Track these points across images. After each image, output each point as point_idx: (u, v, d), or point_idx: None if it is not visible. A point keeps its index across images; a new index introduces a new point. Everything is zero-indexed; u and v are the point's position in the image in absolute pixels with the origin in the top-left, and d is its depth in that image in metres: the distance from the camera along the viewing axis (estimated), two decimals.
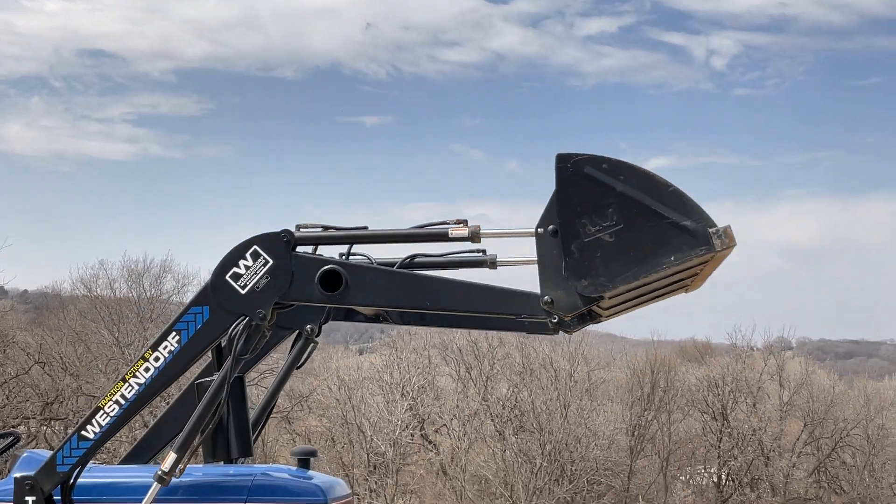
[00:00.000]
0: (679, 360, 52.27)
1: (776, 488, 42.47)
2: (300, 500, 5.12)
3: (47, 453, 5.53)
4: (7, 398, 29.89)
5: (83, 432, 4.96)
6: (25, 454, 5.40)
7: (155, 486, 4.83)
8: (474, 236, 4.81)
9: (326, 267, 4.83)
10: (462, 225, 4.82)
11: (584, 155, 4.51)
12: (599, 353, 46.87)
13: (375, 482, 34.89)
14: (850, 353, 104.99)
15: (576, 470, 33.08)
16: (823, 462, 46.01)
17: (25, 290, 49.56)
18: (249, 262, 4.86)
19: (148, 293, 41.98)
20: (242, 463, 5.59)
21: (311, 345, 5.58)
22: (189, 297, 37.83)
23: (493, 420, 34.46)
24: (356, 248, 5.11)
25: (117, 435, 5.27)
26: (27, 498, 4.91)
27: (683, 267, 4.51)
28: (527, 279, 4.73)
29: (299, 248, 4.94)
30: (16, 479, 4.97)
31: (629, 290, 4.58)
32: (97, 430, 4.94)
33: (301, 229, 4.98)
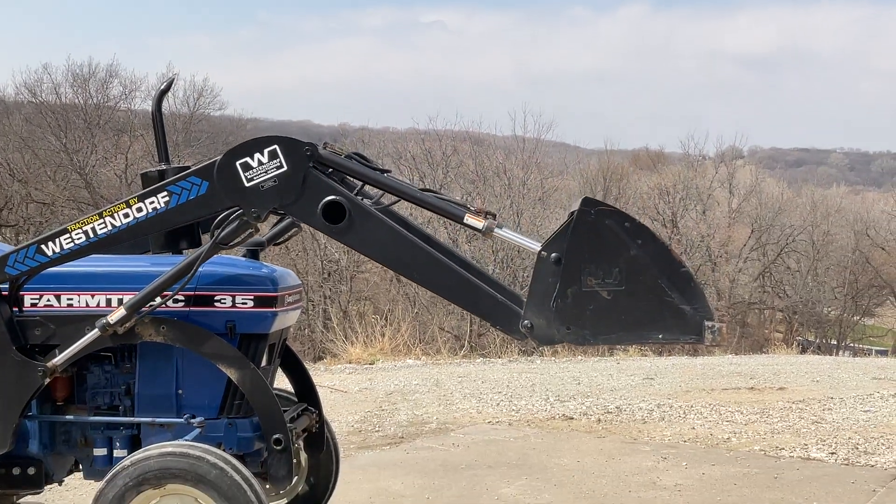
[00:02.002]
0: (632, 168, 52.83)
1: (721, 293, 43.61)
2: (250, 289, 5.11)
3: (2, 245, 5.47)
4: None
5: (42, 246, 4.87)
6: None
7: (93, 333, 4.82)
8: (487, 232, 4.62)
9: (335, 197, 4.65)
10: (480, 216, 4.64)
11: (610, 207, 4.47)
12: (553, 162, 47.09)
13: (330, 289, 35.41)
14: (800, 161, 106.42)
15: (526, 276, 33.60)
16: (769, 267, 47.22)
17: None
18: (264, 160, 4.68)
19: (94, 99, 41.40)
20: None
21: (295, 228, 5.49)
22: (137, 103, 37.50)
23: (446, 227, 34.72)
24: None
25: None
26: None
27: (667, 344, 4.45)
28: None
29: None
30: None
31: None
32: (57, 250, 4.86)
33: (327, 147, 4.82)
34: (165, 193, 4.80)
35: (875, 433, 8.93)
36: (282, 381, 5.88)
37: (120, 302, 4.95)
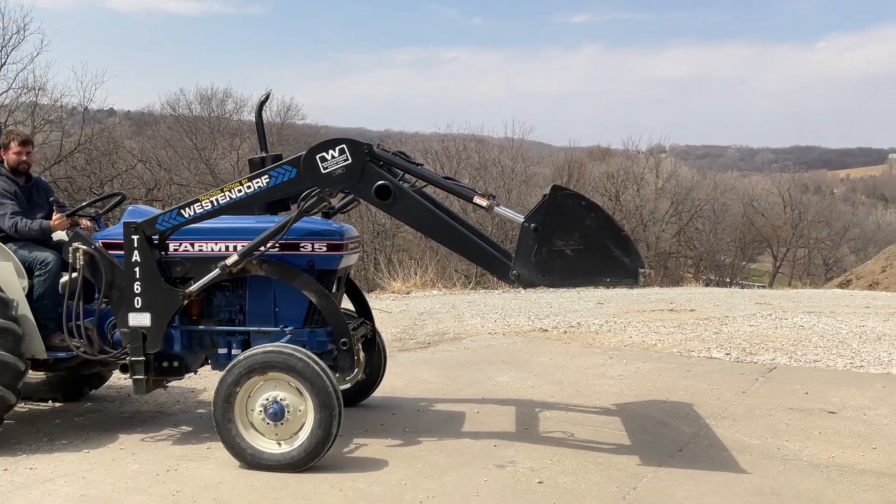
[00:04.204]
0: (588, 159, 52.36)
1: (650, 246, 43.32)
2: (324, 239, 5.10)
3: (149, 208, 5.45)
4: (121, 186, 29.67)
5: (182, 211, 4.89)
6: (131, 207, 5.30)
7: (216, 272, 4.84)
8: (489, 209, 4.64)
9: (384, 182, 4.67)
10: (485, 198, 4.66)
11: (571, 191, 4.50)
12: (532, 154, 46.74)
13: (378, 244, 35.36)
14: (706, 154, 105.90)
15: (514, 236, 33.43)
16: (683, 228, 46.90)
17: (128, 111, 48.32)
18: (335, 154, 4.69)
19: (216, 112, 41.34)
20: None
21: (356, 202, 5.45)
22: (245, 115, 37.22)
23: (458, 202, 34.59)
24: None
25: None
26: (133, 237, 4.90)
27: (612, 287, 4.37)
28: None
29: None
30: (124, 223, 4.94)
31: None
32: (191, 213, 4.88)
33: (379, 147, 4.84)
34: (266, 176, 4.79)
35: (757, 341, 8.88)
36: (346, 303, 5.88)
37: (234, 249, 4.95)
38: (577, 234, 4.42)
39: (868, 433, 5.39)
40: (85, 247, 4.99)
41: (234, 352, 5.06)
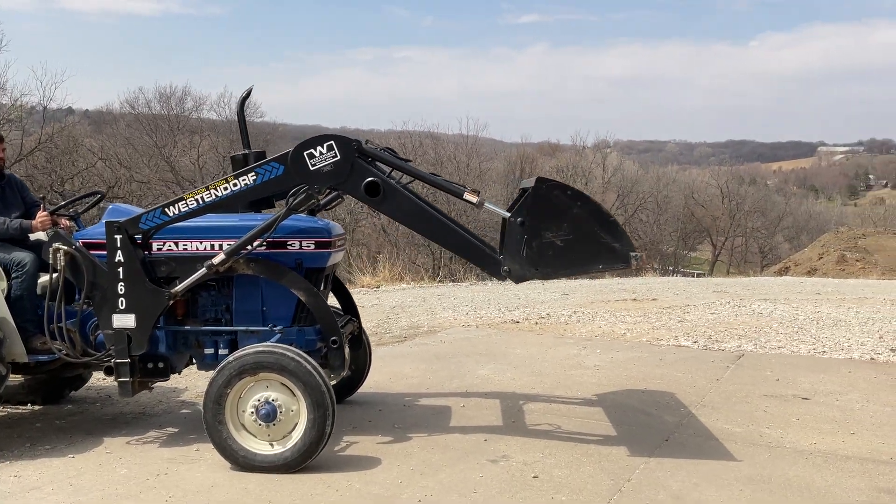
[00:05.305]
0: (538, 155, 52.60)
1: None
2: (312, 236, 4.88)
3: (129, 207, 5.15)
4: (81, 184, 28.82)
5: (166, 209, 4.61)
6: (112, 206, 5.00)
7: (202, 271, 4.59)
8: (479, 205, 4.46)
9: (373, 178, 4.46)
10: (475, 194, 4.48)
11: (556, 182, 4.35)
12: (486, 150, 46.67)
13: None
14: (648, 149, 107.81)
15: (486, 231, 33.36)
16: (629, 219, 47.32)
17: (87, 109, 46.89)
18: (324, 151, 4.46)
19: (175, 110, 40.42)
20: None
21: (339, 199, 5.23)
22: (205, 113, 36.49)
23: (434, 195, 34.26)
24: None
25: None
26: (115, 236, 4.60)
27: (606, 272, 4.20)
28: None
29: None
30: (106, 222, 4.65)
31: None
32: (176, 212, 4.61)
33: (368, 143, 4.62)
34: (253, 173, 4.55)
35: (721, 328, 8.88)
36: (332, 301, 5.64)
37: (220, 247, 4.69)
38: (565, 225, 4.28)
39: (844, 419, 5.36)
40: (66, 247, 4.68)
41: (220, 352, 4.79)
